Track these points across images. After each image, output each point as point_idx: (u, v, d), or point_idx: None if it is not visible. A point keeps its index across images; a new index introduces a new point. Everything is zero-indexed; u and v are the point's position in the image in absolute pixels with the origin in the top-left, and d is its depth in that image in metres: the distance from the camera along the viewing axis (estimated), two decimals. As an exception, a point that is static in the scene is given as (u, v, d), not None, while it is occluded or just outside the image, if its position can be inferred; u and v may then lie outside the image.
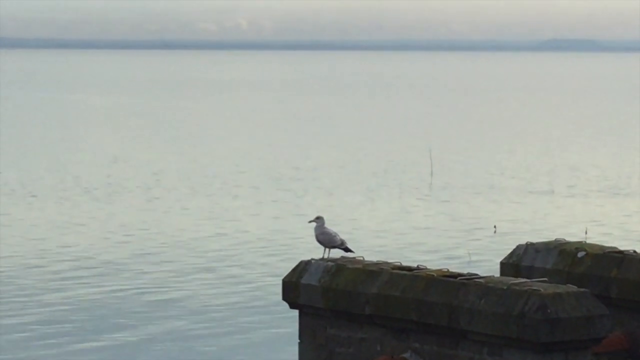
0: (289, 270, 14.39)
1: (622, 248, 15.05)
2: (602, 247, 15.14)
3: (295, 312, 14.27)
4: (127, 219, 79.67)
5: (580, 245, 15.18)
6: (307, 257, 14.43)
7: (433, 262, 53.10)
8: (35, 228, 76.28)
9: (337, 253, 14.75)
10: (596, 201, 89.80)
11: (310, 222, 15.45)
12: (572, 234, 55.16)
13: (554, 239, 15.60)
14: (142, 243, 71.24)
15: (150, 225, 77.57)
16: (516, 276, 14.06)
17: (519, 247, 15.42)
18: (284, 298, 14.26)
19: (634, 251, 14.84)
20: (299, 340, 14.20)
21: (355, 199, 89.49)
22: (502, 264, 15.33)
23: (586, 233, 64.74)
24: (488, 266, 50.06)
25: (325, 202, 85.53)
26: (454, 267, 14.18)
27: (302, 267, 14.14)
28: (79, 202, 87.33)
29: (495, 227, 75.88)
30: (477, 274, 13.11)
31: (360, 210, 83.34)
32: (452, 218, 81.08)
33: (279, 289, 14.77)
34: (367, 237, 70.13)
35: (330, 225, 15.36)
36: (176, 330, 51.58)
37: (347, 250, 14.95)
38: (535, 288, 12.38)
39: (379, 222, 79.16)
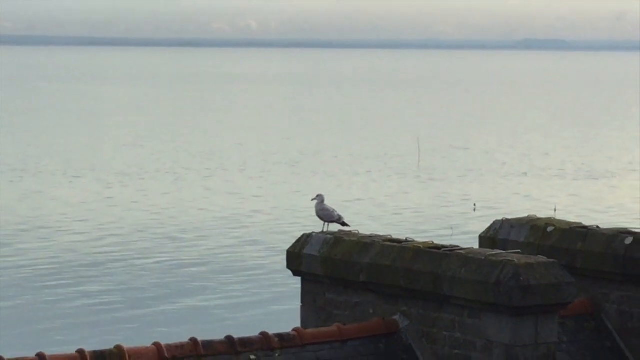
0: (292, 242, 14.36)
1: (586, 224, 15.03)
2: (568, 223, 15.10)
3: (298, 279, 14.25)
4: (159, 198, 79.79)
5: (549, 221, 15.12)
6: (308, 231, 14.40)
7: (420, 235, 53.20)
8: (84, 205, 76.33)
9: (335, 227, 14.72)
10: (564, 182, 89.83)
11: (312, 200, 15.43)
12: (543, 211, 55.23)
13: (526, 216, 15.56)
14: (169, 220, 71.38)
15: (175, 204, 77.68)
16: (493, 248, 14.02)
17: (495, 222, 15.36)
18: (288, 266, 14.22)
19: (597, 226, 14.80)
20: (300, 304, 14.18)
21: (351, 180, 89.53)
22: (480, 237, 15.27)
23: (555, 210, 64.84)
24: (468, 239, 50.20)
25: (325, 183, 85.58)
26: (438, 240, 14.15)
27: (304, 239, 14.10)
28: (113, 182, 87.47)
29: (474, 205, 75.97)
30: (458, 246, 13.08)
31: (356, 190, 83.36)
32: (437, 197, 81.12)
33: (283, 258, 14.75)
34: (361, 213, 70.18)
35: (329, 203, 15.33)
36: (194, 292, 51.69)
37: (343, 224, 14.92)
38: (509, 258, 12.36)
39: (372, 201, 79.17)
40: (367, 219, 65.84)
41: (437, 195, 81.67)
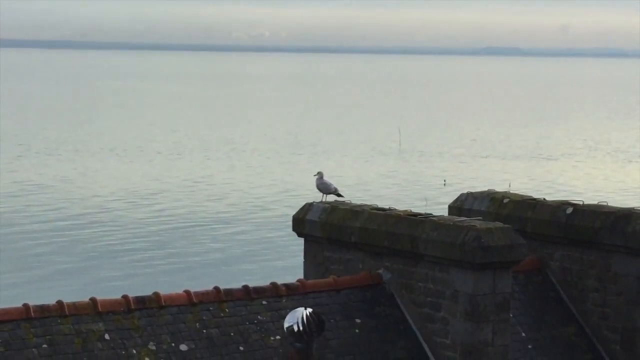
0: (297, 209, 14.37)
1: (535, 197, 15.04)
2: (521, 196, 15.10)
3: (301, 240, 14.25)
4: (189, 172, 79.91)
5: (505, 194, 15.12)
6: (310, 201, 14.39)
7: (400, 204, 53.15)
8: (129, 179, 76.35)
9: (331, 198, 14.73)
10: (518, 163, 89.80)
11: (314, 175, 15.44)
12: (500, 186, 55.23)
13: (486, 190, 15.57)
14: (200, 190, 71.35)
15: (203, 178, 77.67)
16: (459, 216, 14.03)
17: (461, 195, 15.36)
18: (294, 229, 14.21)
19: (544, 199, 14.82)
20: (303, 260, 14.19)
21: (345, 160, 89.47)
22: (449, 207, 15.27)
23: (510, 185, 64.67)
24: (439, 208, 50.22)
25: (324, 162, 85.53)
26: (415, 209, 14.16)
27: (307, 208, 14.10)
28: (153, 159, 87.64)
29: (445, 180, 75.91)
30: (431, 214, 13.09)
31: (349, 168, 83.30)
32: (414, 174, 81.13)
33: (289, 222, 14.76)
34: (353, 186, 70.08)
35: (327, 178, 15.33)
36: (217, 249, 51.70)
37: (338, 195, 14.93)
38: (472, 224, 12.37)
39: (362, 176, 79.13)
40: (357, 191, 65.79)
41: (414, 173, 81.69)
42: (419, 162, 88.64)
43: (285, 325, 10.67)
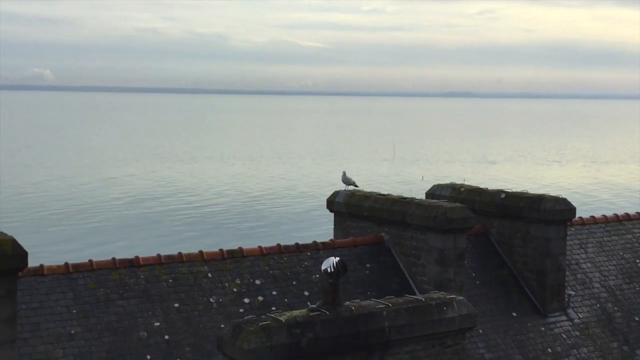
0: (329, 194, 14.39)
1: (481, 187, 14.99)
2: (472, 186, 15.05)
3: (332, 214, 14.29)
4: (260, 170, 79.91)
5: (462, 185, 15.09)
6: (337, 189, 14.42)
7: (395, 192, 52.87)
8: (213, 179, 76.57)
9: (351, 188, 14.76)
10: (470, 166, 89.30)
11: (342, 174, 15.46)
12: (458, 180, 54.82)
13: (450, 182, 15.53)
14: (261, 184, 71.30)
15: (261, 176, 77.69)
16: (433, 199, 14.01)
17: (434, 186, 15.34)
18: (327, 207, 14.28)
19: (487, 188, 14.78)
20: (333, 227, 14.23)
21: (360, 163, 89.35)
22: (426, 193, 15.27)
23: (464, 180, 64.28)
24: (419, 194, 49.80)
25: (347, 164, 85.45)
26: (405, 194, 14.13)
27: (336, 194, 14.15)
28: (239, 162, 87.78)
29: (423, 177, 75.60)
30: (415, 198, 13.09)
31: (363, 168, 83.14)
32: (404, 173, 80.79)
33: (324, 203, 14.80)
34: (364, 180, 69.98)
35: (349, 174, 15.34)
36: (278, 220, 51.63)
37: (356, 186, 14.94)
38: (441, 204, 12.36)
39: (371, 174, 78.93)
40: (367, 184, 65.69)
41: (404, 172, 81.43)
42: (407, 165, 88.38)
43: (322, 267, 10.75)
